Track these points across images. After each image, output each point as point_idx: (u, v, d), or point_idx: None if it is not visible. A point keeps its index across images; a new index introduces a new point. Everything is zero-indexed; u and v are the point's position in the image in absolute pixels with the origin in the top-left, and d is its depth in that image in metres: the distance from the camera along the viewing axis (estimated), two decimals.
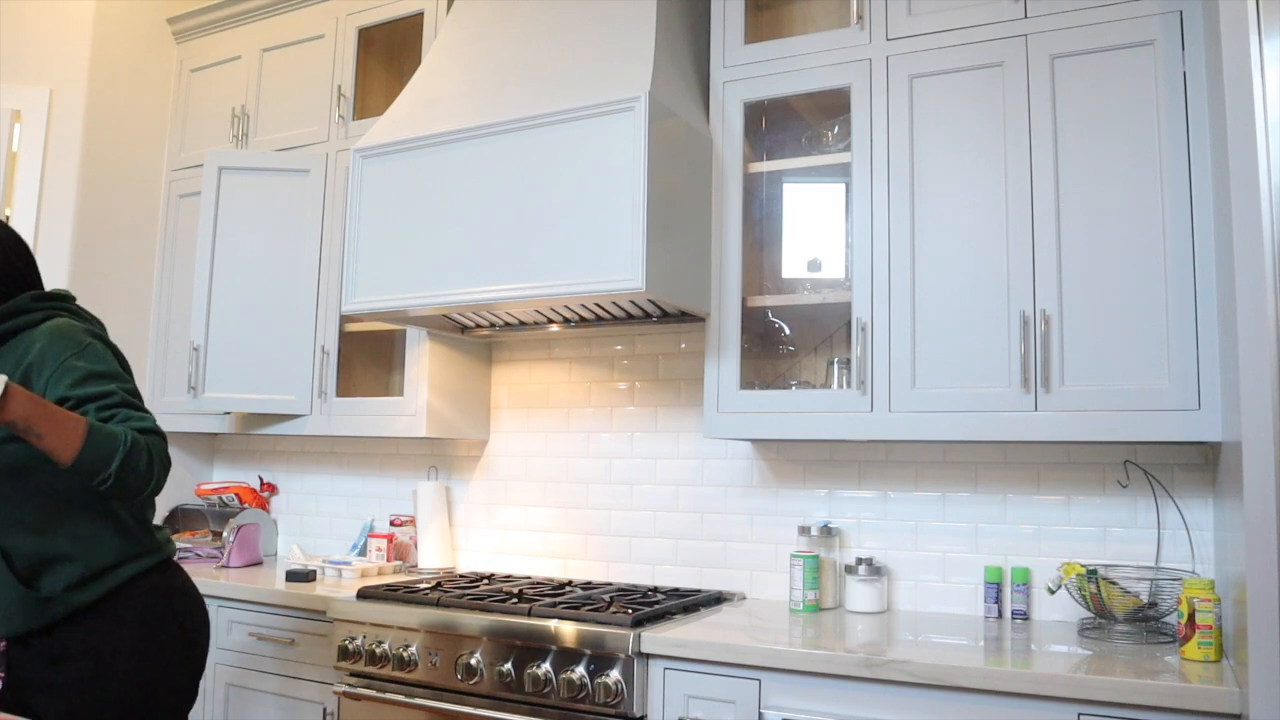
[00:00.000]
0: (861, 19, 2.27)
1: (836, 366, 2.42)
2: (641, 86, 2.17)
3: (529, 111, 2.29)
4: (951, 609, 2.34)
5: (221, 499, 3.38)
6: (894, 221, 2.19)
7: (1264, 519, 1.46)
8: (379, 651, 2.27)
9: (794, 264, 2.51)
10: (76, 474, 1.58)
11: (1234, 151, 1.54)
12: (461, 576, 2.72)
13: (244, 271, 3.01)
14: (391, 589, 2.39)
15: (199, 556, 3.16)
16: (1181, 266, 1.90)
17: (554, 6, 2.57)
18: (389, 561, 2.95)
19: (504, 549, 2.98)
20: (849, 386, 2.24)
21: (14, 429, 1.50)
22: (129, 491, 1.63)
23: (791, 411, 2.26)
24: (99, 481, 1.59)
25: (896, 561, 2.42)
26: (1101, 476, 2.23)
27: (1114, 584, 1.97)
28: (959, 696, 1.73)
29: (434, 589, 2.41)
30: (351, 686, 2.29)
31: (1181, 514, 2.14)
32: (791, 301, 2.41)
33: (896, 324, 2.16)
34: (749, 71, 2.41)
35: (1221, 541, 1.94)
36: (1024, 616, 2.23)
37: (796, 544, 2.52)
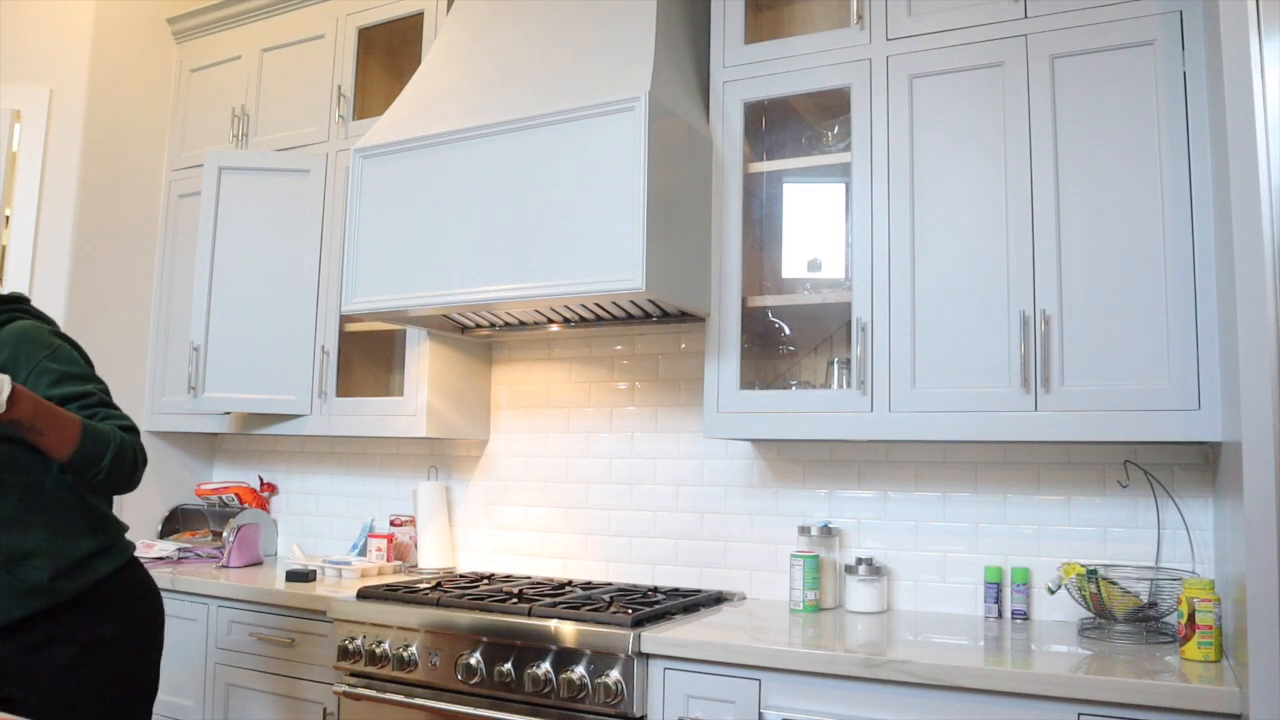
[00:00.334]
0: (861, 19, 2.27)
1: (836, 366, 2.42)
2: (641, 86, 2.17)
3: (529, 111, 2.29)
4: (951, 609, 2.34)
5: (221, 499, 3.38)
6: (894, 221, 2.19)
7: (1264, 519, 1.46)
8: (379, 651, 2.27)
9: (794, 264, 2.51)
10: (71, 470, 1.66)
11: (1234, 151, 1.54)
12: (461, 576, 2.72)
13: (244, 271, 3.01)
14: (391, 589, 2.39)
15: (199, 556, 3.16)
16: (1181, 266, 1.91)
17: (554, 6, 2.57)
18: (389, 561, 2.95)
19: (504, 549, 2.98)
20: (849, 386, 2.24)
21: (18, 427, 1.56)
22: (116, 486, 1.72)
23: (791, 411, 2.26)
24: (91, 476, 1.67)
25: (896, 561, 2.42)
26: (1101, 476, 2.23)
27: (1114, 584, 1.97)
28: (959, 696, 1.73)
29: (434, 589, 2.41)
30: (351, 686, 2.29)
31: (1181, 514, 2.14)
32: (791, 301, 2.41)
33: (896, 324, 2.16)
34: (749, 71, 2.41)
35: (1221, 541, 1.94)
36: (1024, 616, 2.23)
37: (796, 544, 2.52)
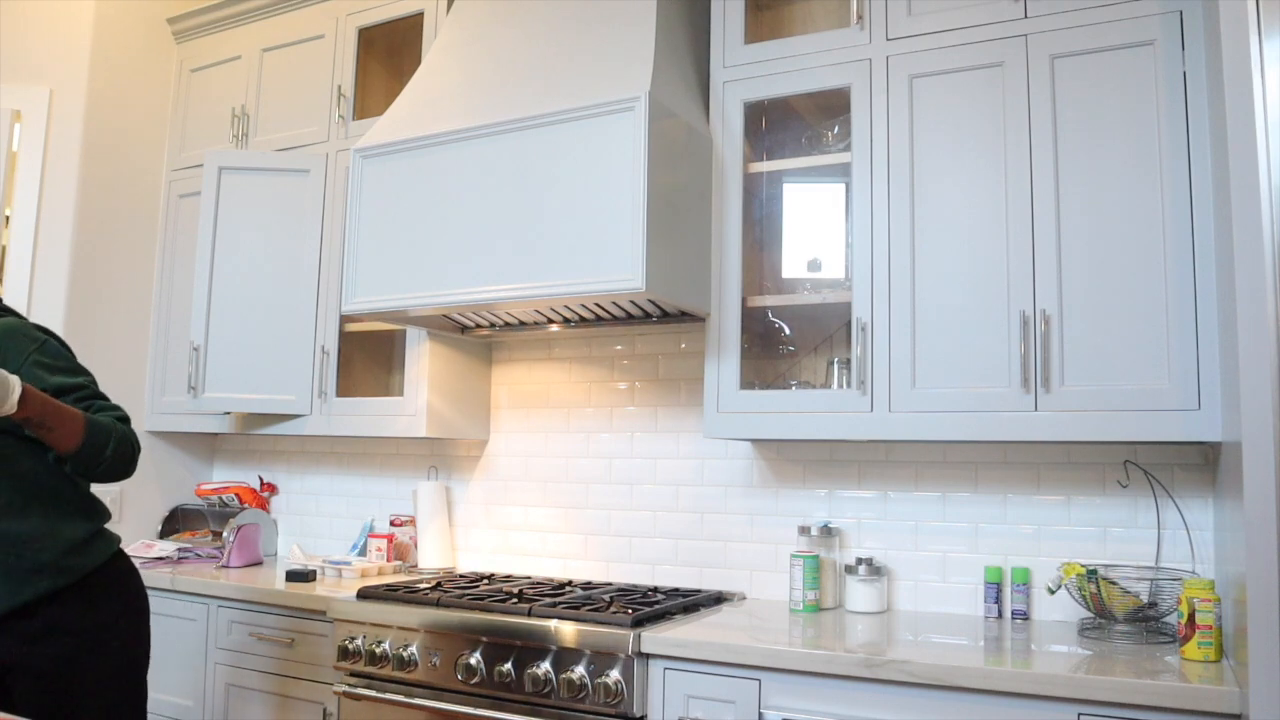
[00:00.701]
0: (861, 19, 2.27)
1: (836, 366, 2.42)
2: (641, 86, 2.17)
3: (529, 111, 2.29)
4: (951, 609, 2.34)
5: (221, 499, 3.38)
6: (894, 221, 2.19)
7: (1264, 519, 1.46)
8: (379, 651, 2.27)
9: (794, 264, 2.51)
10: (76, 462, 1.72)
11: (1234, 151, 1.54)
12: (461, 576, 2.72)
13: (244, 271, 3.01)
14: (391, 589, 2.39)
15: (199, 556, 3.16)
16: (1181, 266, 1.91)
17: (554, 6, 2.57)
18: (389, 561, 2.95)
19: (504, 549, 2.98)
20: (849, 386, 2.24)
21: (28, 425, 1.62)
22: (116, 475, 1.79)
23: (791, 411, 2.26)
24: (94, 467, 1.73)
25: (896, 561, 2.42)
26: (1101, 476, 2.23)
27: (1114, 584, 1.97)
28: (959, 696, 1.73)
29: (434, 589, 2.41)
30: (351, 686, 2.29)
31: (1181, 514, 2.14)
32: (791, 301, 2.41)
33: (896, 324, 2.16)
34: (749, 71, 2.41)
35: (1221, 541, 1.94)
36: (1024, 616, 2.23)
37: (796, 544, 2.52)
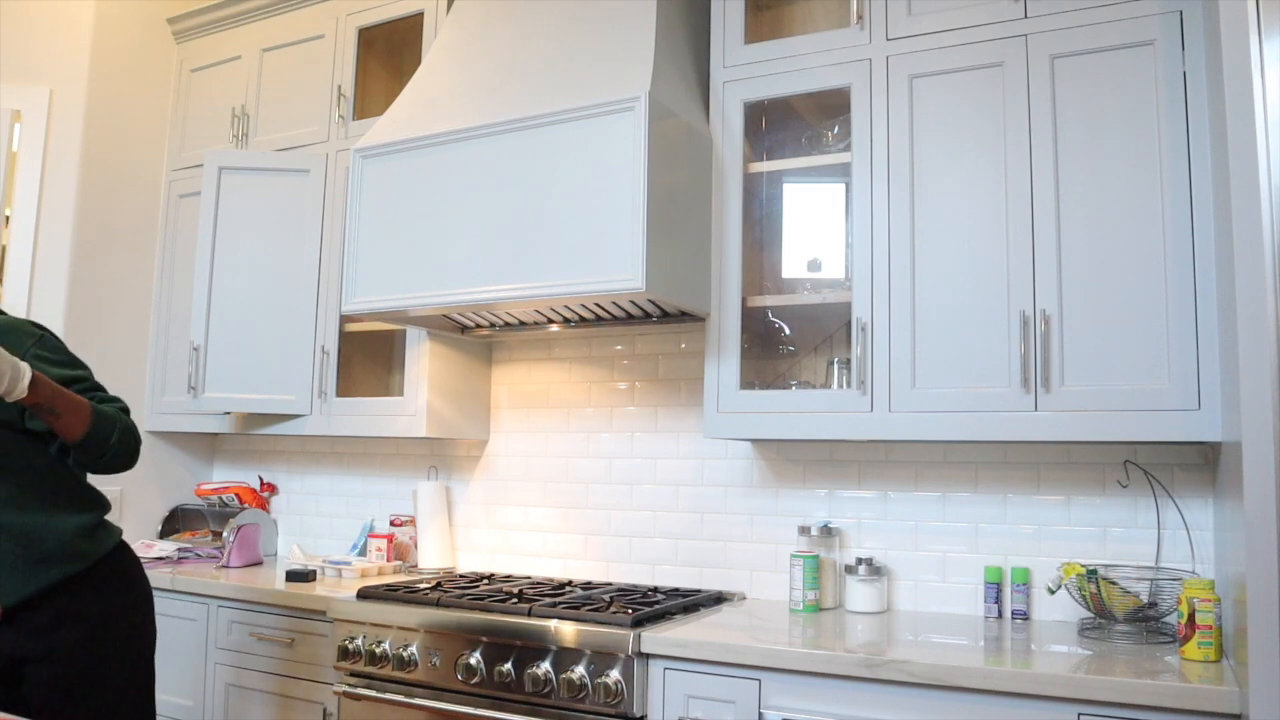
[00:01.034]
0: (861, 19, 2.27)
1: (836, 366, 2.42)
2: (641, 86, 2.17)
3: (529, 111, 2.29)
4: (951, 609, 2.34)
5: (221, 499, 3.38)
6: (894, 221, 2.19)
7: (1264, 519, 1.46)
8: (379, 651, 2.27)
9: (794, 264, 2.51)
10: (81, 450, 1.75)
11: (1234, 151, 1.54)
12: (461, 576, 2.72)
13: (244, 271, 3.01)
14: (391, 589, 2.39)
15: (199, 556, 3.16)
16: (1181, 266, 1.91)
17: (554, 6, 2.57)
18: (389, 561, 2.95)
19: (504, 549, 2.98)
20: (849, 386, 2.24)
21: (37, 410, 1.65)
22: (119, 465, 1.82)
23: (791, 411, 2.26)
24: (99, 455, 1.76)
25: (896, 561, 2.42)
26: (1101, 476, 2.23)
27: (1114, 584, 1.97)
28: (959, 696, 1.73)
29: (434, 589, 2.41)
30: (351, 686, 2.29)
31: (1181, 514, 2.14)
32: (791, 301, 2.41)
33: (896, 324, 2.16)
34: (749, 71, 2.41)
35: (1221, 541, 1.94)
36: (1024, 616, 2.23)
37: (796, 544, 2.52)
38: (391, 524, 3.05)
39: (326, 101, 3.09)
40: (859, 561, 2.34)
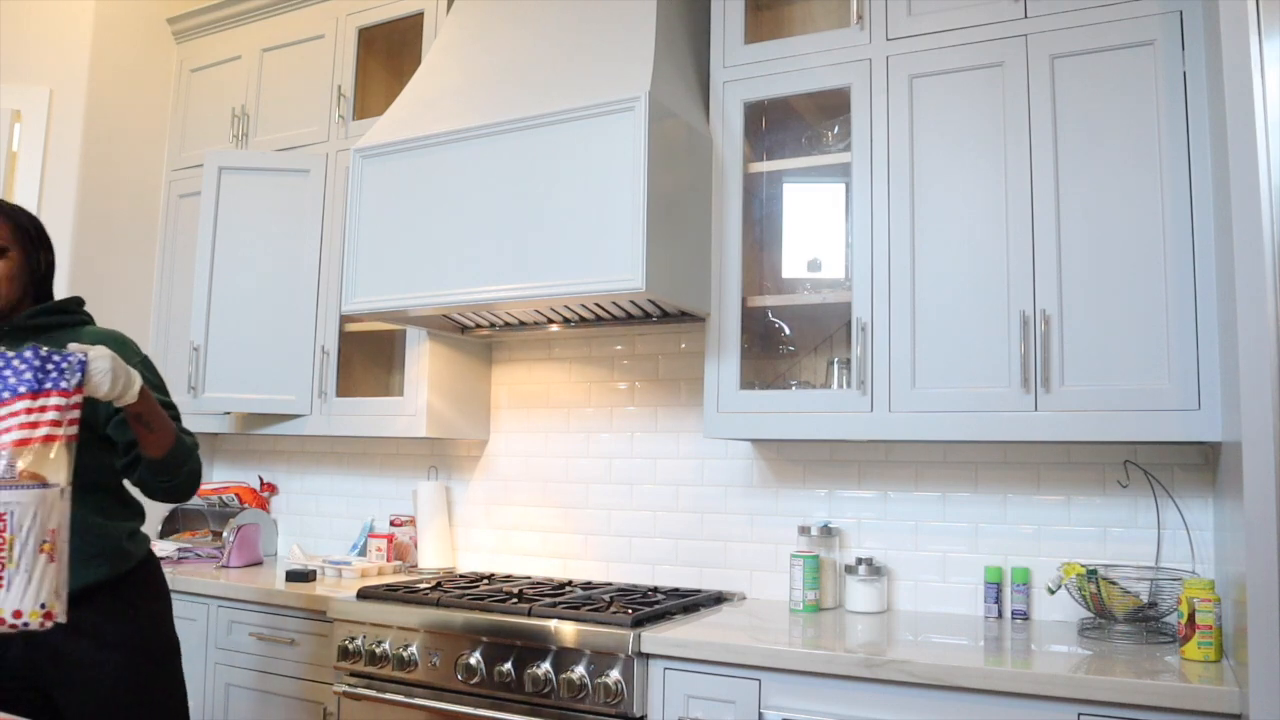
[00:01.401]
0: (861, 19, 2.27)
1: (836, 366, 2.42)
2: (641, 86, 2.17)
3: (529, 111, 2.29)
4: (951, 609, 2.34)
5: (221, 499, 3.38)
6: (894, 221, 2.19)
7: (1264, 519, 1.46)
8: (379, 651, 2.27)
9: (794, 264, 2.51)
10: (154, 469, 1.78)
11: (1234, 151, 1.54)
12: (461, 576, 2.72)
13: (244, 271, 3.01)
14: (391, 589, 2.39)
15: (199, 556, 3.16)
16: (1181, 266, 1.90)
17: (554, 6, 2.57)
18: (389, 561, 2.95)
19: (504, 549, 2.98)
20: (849, 386, 2.24)
21: (135, 420, 1.68)
22: (178, 495, 1.86)
23: (791, 411, 2.26)
24: (166, 479, 1.80)
25: (896, 561, 2.42)
26: (1101, 476, 2.23)
27: (1114, 584, 1.97)
28: (959, 696, 1.73)
29: (434, 589, 2.41)
30: (351, 686, 2.29)
31: (1181, 514, 2.14)
32: (791, 301, 2.41)
33: (896, 324, 2.16)
34: (749, 71, 2.41)
35: (1221, 541, 1.94)
36: (1024, 616, 2.23)
37: (796, 544, 2.52)
38: (391, 524, 3.05)
39: (326, 101, 3.09)
40: (859, 561, 2.34)
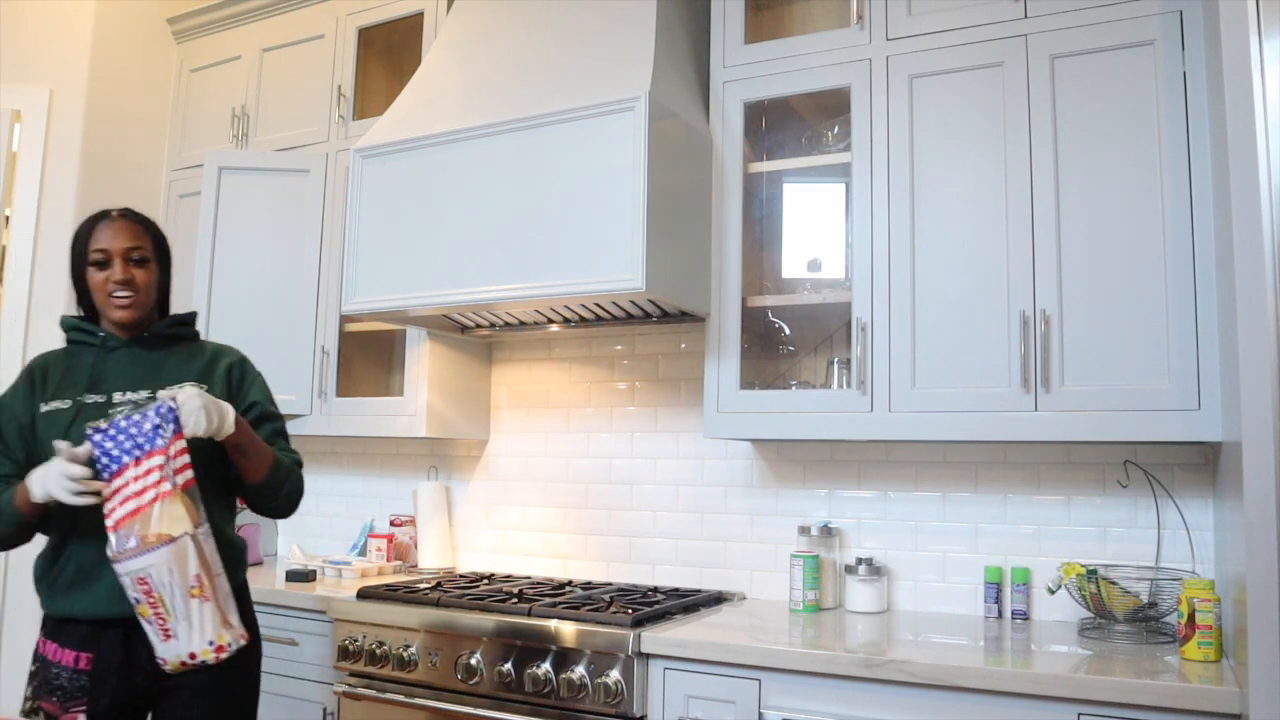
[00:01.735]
0: (861, 19, 2.27)
1: (836, 366, 2.42)
2: (641, 86, 2.17)
3: (529, 111, 2.29)
4: (951, 609, 2.34)
5: None
6: (894, 221, 2.19)
7: (1264, 519, 1.46)
8: (379, 651, 2.27)
9: (794, 264, 2.51)
10: (253, 493, 1.85)
11: (1234, 151, 1.54)
12: (461, 576, 2.72)
13: (244, 271, 3.01)
14: (391, 589, 2.39)
15: None
16: (1181, 266, 1.90)
17: (554, 7, 2.57)
18: (389, 561, 2.95)
19: (504, 549, 2.98)
20: (849, 386, 2.24)
21: (235, 449, 1.76)
22: (279, 513, 1.94)
23: (791, 411, 2.26)
24: (266, 500, 1.88)
25: (896, 561, 2.42)
26: (1101, 476, 2.23)
27: (1114, 584, 1.97)
28: (959, 696, 1.73)
29: (434, 589, 2.41)
30: (351, 686, 2.29)
31: (1181, 514, 2.14)
32: (791, 301, 2.41)
33: (896, 324, 2.16)
34: (749, 71, 2.41)
35: (1221, 541, 1.94)
36: (1024, 616, 2.22)
37: (796, 544, 2.51)
38: (391, 524, 3.05)
39: (326, 101, 3.09)
40: (859, 561, 2.34)
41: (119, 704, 1.74)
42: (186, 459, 1.64)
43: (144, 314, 1.85)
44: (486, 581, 2.62)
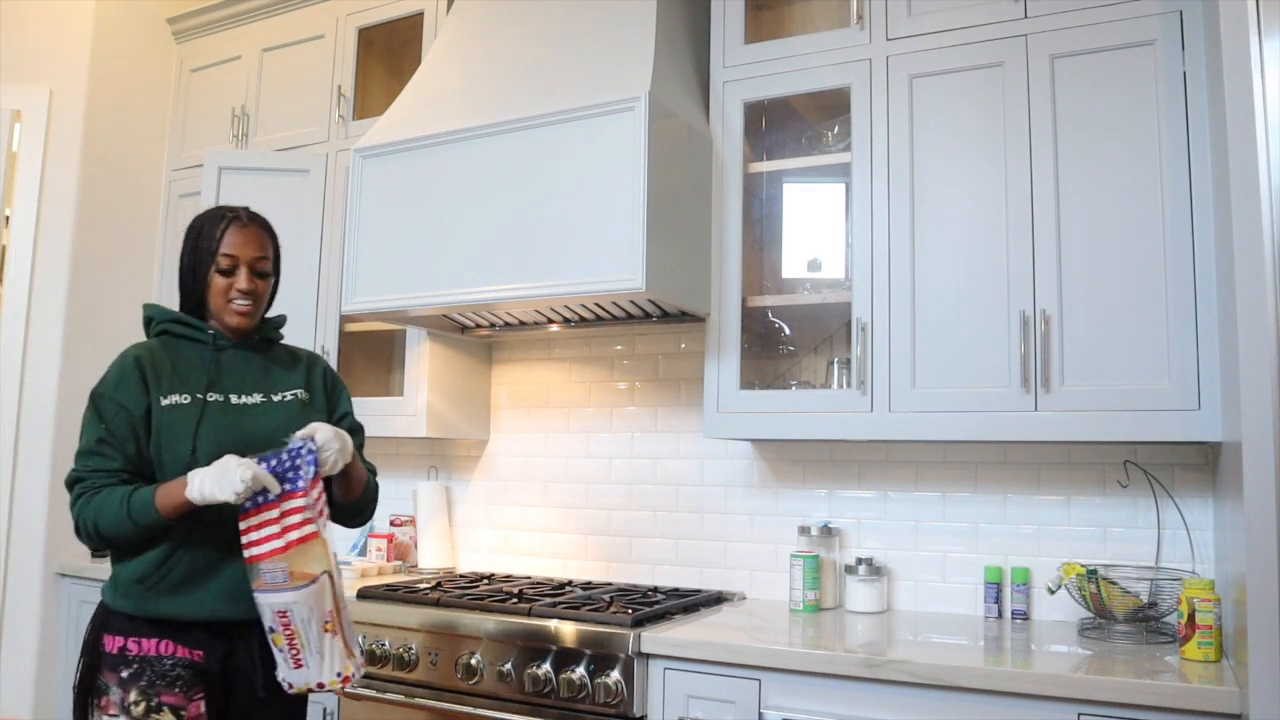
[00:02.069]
0: (861, 19, 2.27)
1: (836, 366, 2.42)
2: (641, 86, 2.17)
3: (529, 111, 2.29)
4: (951, 609, 2.34)
5: None
6: (894, 221, 2.19)
7: (1264, 519, 1.46)
8: (379, 651, 2.27)
9: (794, 264, 2.51)
10: (348, 511, 1.88)
11: (1234, 151, 1.54)
12: (461, 576, 2.72)
13: None
14: (391, 589, 2.39)
15: None
16: (1181, 266, 1.90)
17: (554, 7, 2.57)
18: (389, 561, 2.95)
19: (504, 549, 2.98)
20: (849, 386, 2.24)
21: (344, 475, 1.76)
22: (360, 525, 1.95)
23: (791, 411, 2.26)
24: (347, 516, 1.88)
25: (896, 561, 2.42)
26: (1101, 476, 2.23)
27: (1114, 584, 1.97)
28: (959, 696, 1.73)
29: (434, 589, 2.41)
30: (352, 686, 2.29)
31: (1181, 514, 2.14)
32: (791, 301, 2.41)
33: (896, 324, 2.16)
34: (749, 71, 2.41)
35: (1221, 541, 1.94)
36: (1024, 616, 2.22)
37: (796, 544, 2.51)
38: (391, 524, 3.05)
39: (326, 101, 3.09)
40: (859, 561, 2.34)
41: (215, 706, 1.72)
42: (322, 502, 1.67)
43: (256, 323, 1.85)
44: (486, 581, 2.62)
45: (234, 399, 1.77)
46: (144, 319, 1.86)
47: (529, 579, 2.71)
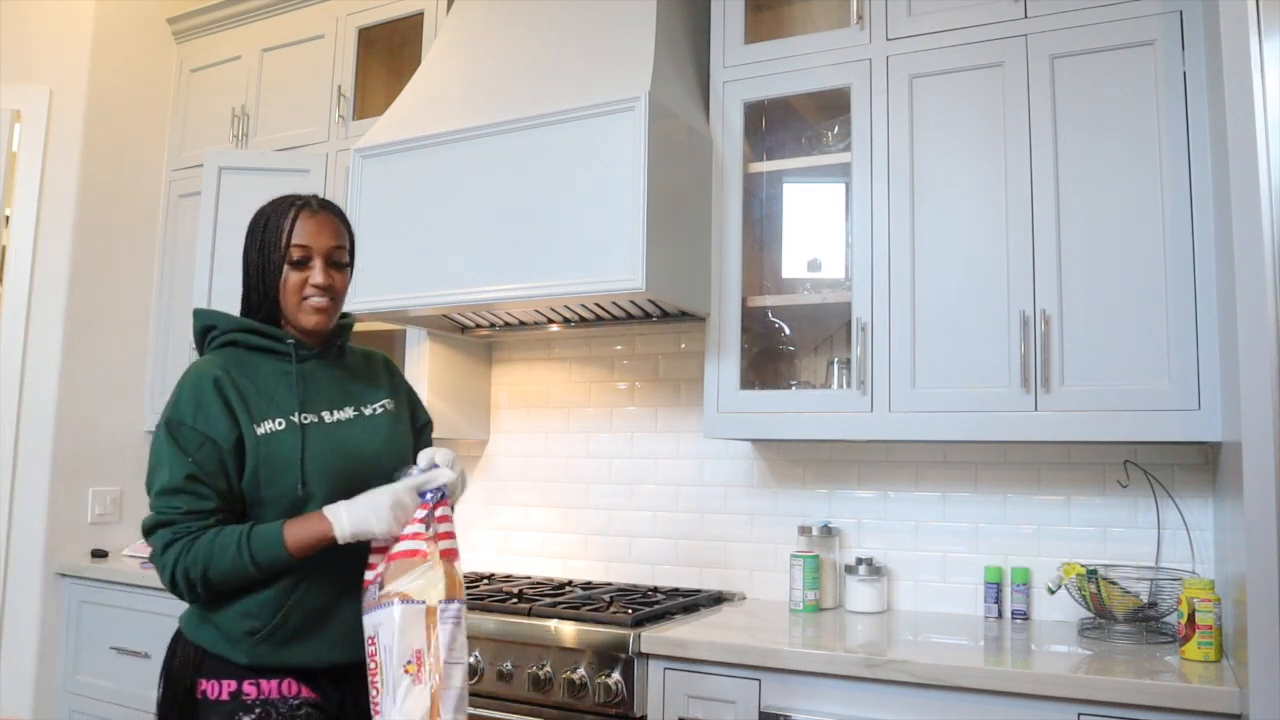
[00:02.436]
0: (861, 19, 2.27)
1: (836, 366, 2.42)
2: (641, 86, 2.17)
3: (529, 111, 2.29)
4: (951, 609, 2.34)
5: None
6: (894, 221, 2.19)
7: (1264, 519, 1.46)
8: None
9: (794, 264, 2.51)
10: None
11: (1234, 151, 1.54)
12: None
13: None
14: None
15: None
16: (1181, 266, 1.90)
17: (554, 7, 2.57)
18: None
19: (504, 549, 2.98)
20: (849, 386, 2.24)
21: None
22: None
23: (791, 411, 2.26)
24: None
25: (896, 561, 2.42)
26: (1101, 476, 2.23)
27: (1114, 584, 1.97)
28: (959, 696, 1.73)
29: None
30: None
31: (1181, 514, 2.14)
32: (791, 301, 2.41)
33: (896, 324, 2.16)
34: (749, 71, 2.41)
35: (1221, 541, 1.94)
36: (1024, 616, 2.22)
37: (796, 544, 2.51)
38: None
39: (326, 101, 3.09)
40: (859, 561, 2.34)
41: None
42: (451, 527, 1.56)
43: (334, 324, 1.64)
44: (486, 581, 2.62)
45: (327, 417, 1.59)
46: (198, 329, 1.63)
47: (529, 579, 2.71)
